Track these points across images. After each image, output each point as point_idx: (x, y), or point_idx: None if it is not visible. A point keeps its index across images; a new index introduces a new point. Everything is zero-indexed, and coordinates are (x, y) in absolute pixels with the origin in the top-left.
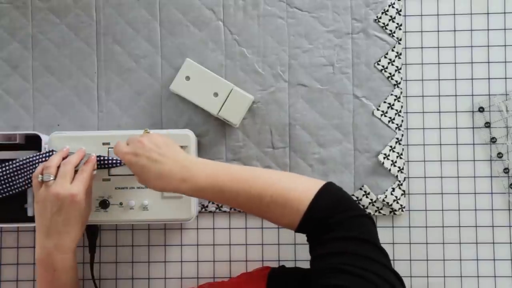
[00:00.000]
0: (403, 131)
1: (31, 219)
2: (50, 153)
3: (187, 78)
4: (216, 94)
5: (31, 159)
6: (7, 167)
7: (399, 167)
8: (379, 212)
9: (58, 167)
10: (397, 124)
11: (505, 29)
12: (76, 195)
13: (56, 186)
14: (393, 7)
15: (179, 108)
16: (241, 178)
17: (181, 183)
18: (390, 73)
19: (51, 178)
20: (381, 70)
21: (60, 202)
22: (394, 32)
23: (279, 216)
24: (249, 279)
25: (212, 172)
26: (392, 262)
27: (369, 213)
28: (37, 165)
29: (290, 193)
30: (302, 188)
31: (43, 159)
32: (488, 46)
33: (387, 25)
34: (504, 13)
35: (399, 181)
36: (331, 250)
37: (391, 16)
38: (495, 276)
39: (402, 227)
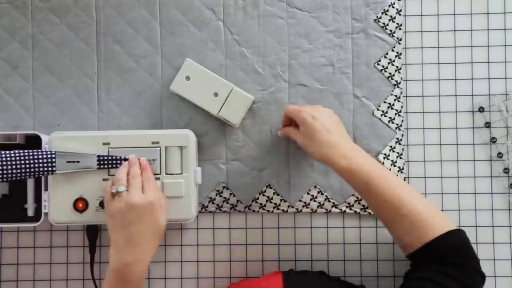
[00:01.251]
0: (403, 131)
1: (31, 219)
2: (50, 152)
3: (187, 78)
4: (216, 94)
5: (30, 153)
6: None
7: (399, 167)
8: None
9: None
10: (397, 124)
11: (505, 29)
12: (152, 202)
13: (132, 196)
14: (393, 7)
15: (179, 108)
16: (390, 179)
17: (341, 158)
18: (390, 73)
19: (123, 190)
20: (381, 70)
21: (137, 213)
22: (394, 32)
23: (405, 231)
24: (262, 283)
25: (369, 162)
26: (392, 262)
27: (484, 274)
28: (36, 160)
29: (426, 217)
30: (440, 219)
31: (43, 156)
32: (488, 46)
33: (387, 25)
34: (504, 13)
35: None
36: (433, 278)
37: (391, 16)
38: (495, 276)
39: None
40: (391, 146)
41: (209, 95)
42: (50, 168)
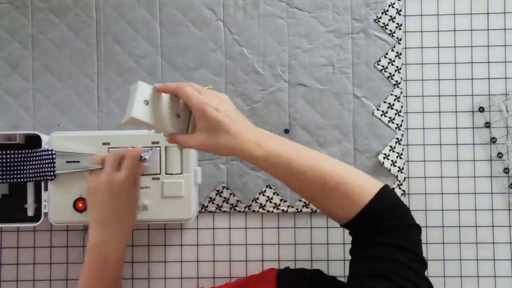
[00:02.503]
0: (403, 131)
1: (31, 219)
2: (50, 152)
3: (146, 102)
4: (178, 115)
5: (30, 153)
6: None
7: (399, 167)
8: None
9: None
10: (397, 124)
11: (505, 29)
12: (123, 181)
13: (103, 174)
14: (393, 7)
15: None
16: (310, 156)
17: (256, 147)
18: (390, 73)
19: (98, 167)
20: (381, 70)
21: (109, 191)
22: (394, 32)
23: (336, 205)
24: (257, 279)
25: (283, 143)
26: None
27: (418, 224)
28: (35, 160)
29: (353, 184)
30: (365, 182)
31: (41, 156)
32: (488, 46)
33: (387, 25)
34: (504, 13)
35: (399, 181)
36: (377, 254)
37: (391, 16)
38: (495, 276)
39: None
40: (391, 146)
41: (172, 117)
42: (50, 171)
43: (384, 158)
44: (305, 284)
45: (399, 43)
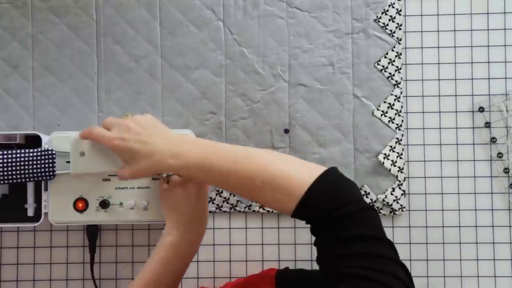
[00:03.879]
0: (403, 131)
1: (31, 219)
2: (50, 151)
3: (82, 154)
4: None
5: (28, 154)
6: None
7: (399, 167)
8: (379, 212)
9: None
10: (397, 124)
11: (505, 29)
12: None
13: (178, 178)
14: (393, 7)
15: (179, 108)
16: (232, 157)
17: (172, 160)
18: (390, 73)
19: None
20: (381, 70)
21: (196, 192)
22: (394, 32)
23: (272, 200)
24: (257, 279)
25: (203, 150)
26: None
27: (371, 204)
28: (34, 161)
29: (282, 179)
30: (296, 174)
31: (42, 156)
32: (488, 46)
33: (387, 25)
34: (504, 13)
35: (399, 181)
36: (340, 252)
37: (391, 16)
38: (495, 276)
39: (402, 227)
40: (391, 146)
41: (112, 159)
42: (50, 171)
43: (384, 158)
44: (304, 284)
45: (399, 43)
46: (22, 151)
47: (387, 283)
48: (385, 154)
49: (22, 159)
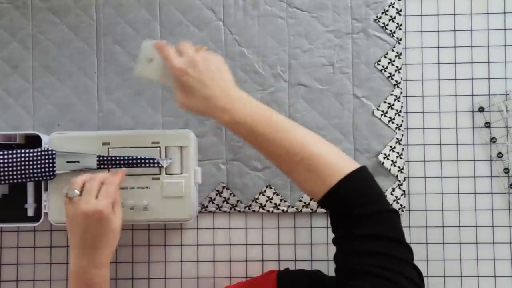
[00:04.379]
0: (403, 131)
1: (31, 219)
2: (50, 151)
3: (150, 60)
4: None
5: (28, 154)
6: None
7: (399, 167)
8: None
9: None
10: (397, 124)
11: (505, 29)
12: (101, 210)
13: (81, 203)
14: (393, 7)
15: (179, 109)
16: (278, 127)
17: (222, 113)
18: (390, 73)
19: (76, 195)
20: (381, 70)
21: (87, 220)
22: (394, 32)
23: (303, 179)
24: (258, 282)
25: (252, 111)
26: None
27: (394, 208)
28: (34, 161)
29: (321, 161)
30: (336, 162)
31: (41, 156)
32: (488, 46)
33: (387, 25)
34: (504, 13)
35: (399, 181)
36: (359, 249)
37: (391, 16)
38: (495, 276)
39: (402, 227)
40: (391, 146)
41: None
42: (50, 171)
43: (384, 158)
44: (304, 284)
45: (399, 43)
46: (22, 151)
47: (402, 284)
48: (385, 154)
49: (22, 159)
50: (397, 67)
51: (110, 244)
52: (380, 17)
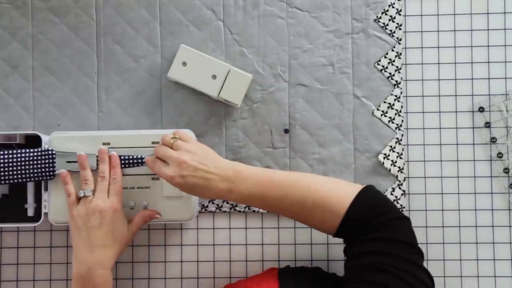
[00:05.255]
0: (403, 131)
1: (31, 219)
2: (50, 151)
3: (184, 64)
4: (214, 77)
5: (29, 154)
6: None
7: (399, 167)
8: None
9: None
10: (397, 124)
11: (505, 29)
12: (116, 208)
13: (97, 200)
14: (393, 7)
15: (179, 108)
16: (282, 185)
17: (228, 194)
18: (390, 73)
19: (92, 194)
20: (381, 70)
21: (101, 216)
22: (394, 32)
23: (320, 220)
24: (259, 279)
25: (254, 181)
26: None
27: (406, 216)
28: (34, 161)
29: (331, 197)
30: (343, 192)
31: (41, 156)
32: (488, 46)
33: (387, 25)
34: (504, 13)
35: (399, 181)
36: (371, 249)
37: (391, 16)
38: (495, 276)
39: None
40: (391, 146)
41: (207, 78)
42: (50, 171)
43: (384, 158)
44: (308, 280)
45: (399, 43)
46: (22, 150)
47: (414, 285)
48: (385, 154)
49: (22, 159)
50: (397, 67)
51: (117, 244)
52: (380, 17)
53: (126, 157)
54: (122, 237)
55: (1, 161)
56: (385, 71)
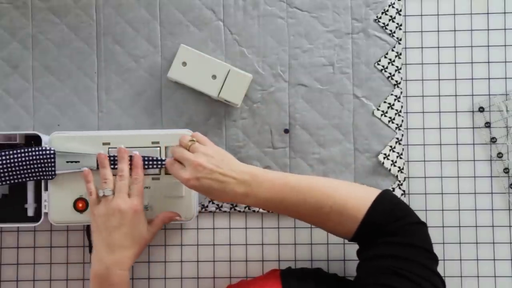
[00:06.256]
0: (403, 131)
1: (31, 219)
2: (50, 151)
3: (184, 64)
4: (214, 77)
5: (30, 152)
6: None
7: (399, 167)
8: None
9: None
10: (397, 124)
11: (505, 29)
12: (137, 209)
13: (117, 200)
14: (393, 7)
15: (179, 108)
16: (299, 189)
17: (244, 198)
18: (390, 73)
19: (112, 194)
20: (381, 70)
21: (122, 217)
22: (394, 32)
23: (337, 224)
24: (261, 280)
25: (270, 185)
26: None
27: (423, 221)
28: (36, 160)
29: (348, 201)
30: (360, 196)
31: (42, 155)
32: (488, 46)
33: (387, 25)
34: (504, 13)
35: (399, 181)
36: (388, 253)
37: (391, 16)
38: (495, 276)
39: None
40: (391, 146)
41: (207, 78)
42: (50, 171)
43: (384, 158)
44: (310, 280)
45: (399, 43)
46: (23, 150)
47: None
48: (385, 154)
49: (23, 158)
50: (397, 67)
51: (137, 245)
52: (380, 17)
53: (147, 158)
54: (141, 239)
55: (2, 161)
56: (385, 71)
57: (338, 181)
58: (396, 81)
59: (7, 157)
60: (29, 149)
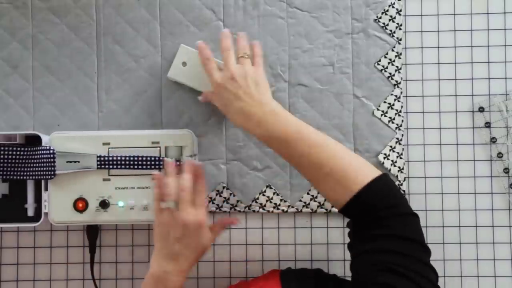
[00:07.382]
0: (403, 131)
1: (31, 219)
2: (50, 151)
3: (184, 64)
4: None
5: (31, 151)
6: (9, 152)
7: (399, 167)
8: None
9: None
10: (397, 124)
11: (505, 29)
12: (202, 221)
13: (182, 213)
14: (393, 7)
15: (179, 108)
16: (309, 141)
17: (255, 127)
18: (390, 73)
19: (175, 205)
20: (381, 70)
21: (185, 229)
22: (394, 32)
23: (330, 189)
24: (260, 281)
25: (285, 127)
26: None
27: (415, 212)
28: (36, 158)
29: (349, 171)
30: (362, 170)
31: (42, 154)
32: (488, 46)
33: (387, 25)
34: (504, 13)
35: (399, 181)
36: (381, 247)
37: (391, 16)
38: (495, 276)
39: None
40: (391, 146)
41: (207, 78)
42: (50, 170)
43: (384, 158)
44: (310, 281)
45: (399, 43)
46: (24, 148)
47: (422, 285)
48: (385, 154)
49: (24, 156)
50: (397, 67)
51: (198, 254)
52: (380, 17)
53: (148, 158)
54: (202, 248)
55: (3, 156)
56: (385, 71)
57: (347, 150)
58: (396, 81)
59: (8, 152)
60: (29, 148)
